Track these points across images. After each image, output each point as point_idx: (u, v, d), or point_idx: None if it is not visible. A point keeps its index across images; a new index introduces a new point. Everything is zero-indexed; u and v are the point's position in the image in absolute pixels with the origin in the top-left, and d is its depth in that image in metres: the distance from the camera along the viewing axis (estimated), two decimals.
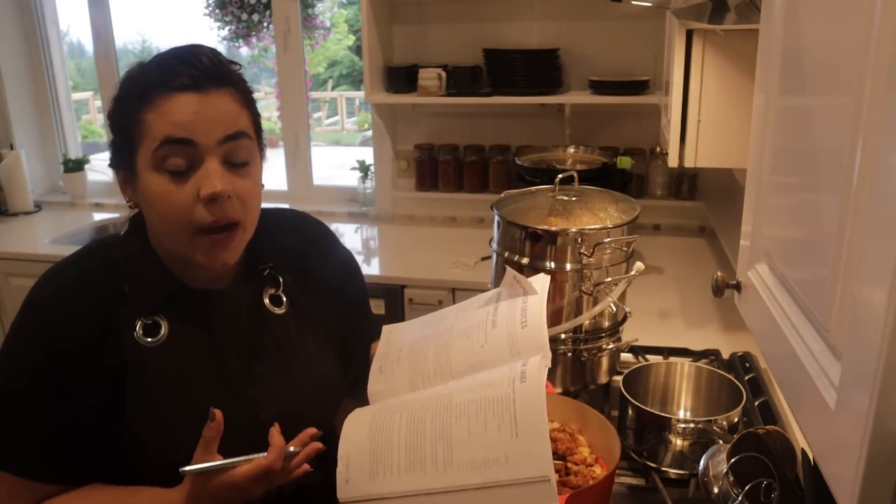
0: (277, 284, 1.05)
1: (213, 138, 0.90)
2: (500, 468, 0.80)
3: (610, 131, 2.72)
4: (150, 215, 0.94)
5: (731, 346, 1.63)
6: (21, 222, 3.11)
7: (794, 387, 0.62)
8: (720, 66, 1.48)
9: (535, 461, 0.79)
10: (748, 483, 0.88)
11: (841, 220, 0.52)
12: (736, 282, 0.87)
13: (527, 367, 0.88)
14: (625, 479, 1.22)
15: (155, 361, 0.93)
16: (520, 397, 0.84)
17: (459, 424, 0.85)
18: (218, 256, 0.93)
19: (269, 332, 1.02)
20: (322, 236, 1.17)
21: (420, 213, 2.96)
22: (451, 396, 0.89)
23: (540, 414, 0.81)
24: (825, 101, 0.59)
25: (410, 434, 0.87)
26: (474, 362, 0.96)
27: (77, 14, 3.40)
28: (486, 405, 0.85)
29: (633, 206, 1.39)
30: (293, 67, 3.06)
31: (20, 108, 3.26)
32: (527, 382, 0.85)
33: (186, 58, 0.90)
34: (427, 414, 0.88)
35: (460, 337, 1.02)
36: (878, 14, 0.46)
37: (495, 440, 0.81)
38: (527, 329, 0.96)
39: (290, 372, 1.03)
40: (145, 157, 0.90)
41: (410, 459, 0.85)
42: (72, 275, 0.97)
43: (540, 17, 2.67)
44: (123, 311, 0.94)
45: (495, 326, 1.00)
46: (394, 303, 2.38)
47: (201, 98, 0.89)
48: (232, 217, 0.92)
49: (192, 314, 0.97)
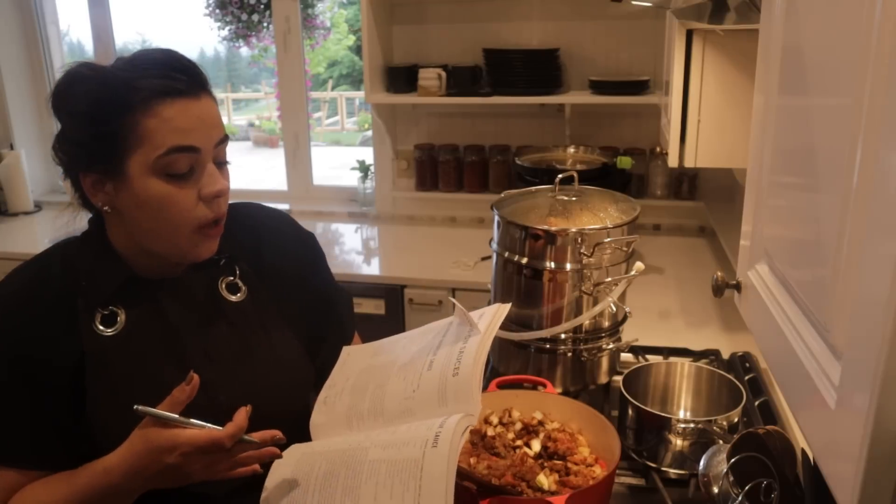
0: (233, 272, 1.07)
1: (210, 143, 0.95)
2: None
3: (610, 131, 2.72)
4: (143, 218, 0.95)
5: (731, 346, 1.63)
6: (21, 222, 3.12)
7: (794, 387, 0.62)
8: (720, 66, 1.48)
9: None
10: (748, 483, 0.88)
11: (841, 220, 0.52)
12: (736, 282, 0.87)
13: (442, 428, 0.86)
14: (625, 479, 1.22)
15: (113, 351, 0.97)
16: (427, 464, 0.82)
17: (368, 486, 0.84)
18: (207, 248, 0.99)
19: (226, 319, 1.05)
20: (277, 221, 1.19)
21: (420, 213, 2.96)
22: (367, 452, 0.89)
23: (444, 483, 0.80)
24: (825, 101, 0.59)
25: (324, 488, 0.88)
26: (404, 408, 0.95)
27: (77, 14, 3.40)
28: (395, 468, 0.84)
29: (633, 206, 1.39)
30: (293, 67, 3.06)
31: (20, 108, 3.26)
32: (437, 447, 0.83)
33: (170, 63, 0.93)
34: (342, 469, 0.88)
35: (398, 377, 1.00)
36: (878, 14, 0.46)
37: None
38: (457, 378, 0.93)
39: (251, 356, 1.05)
40: (143, 163, 0.91)
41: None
42: (30, 273, 1.01)
43: (540, 17, 2.67)
44: (81, 304, 0.97)
45: (430, 369, 0.97)
46: (394, 303, 2.38)
47: (196, 103, 0.93)
48: (224, 213, 0.99)
49: (148, 302, 1.01)
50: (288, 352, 1.09)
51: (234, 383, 1.02)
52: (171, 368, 0.99)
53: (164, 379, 0.96)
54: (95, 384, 0.96)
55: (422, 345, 1.04)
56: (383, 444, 0.89)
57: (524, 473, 1.01)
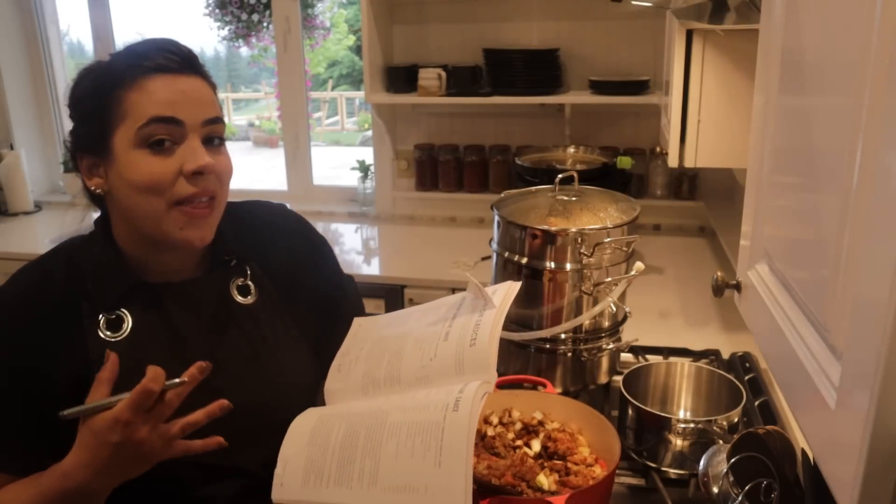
0: (245, 274, 1.06)
1: (196, 119, 0.93)
2: (419, 497, 0.80)
3: (610, 131, 2.72)
4: (127, 195, 0.94)
5: (731, 346, 1.63)
6: (21, 222, 3.12)
7: (794, 387, 0.62)
8: (720, 66, 1.48)
9: (453, 496, 0.78)
10: (748, 483, 0.88)
11: (841, 220, 0.52)
12: (736, 282, 0.87)
13: (462, 394, 0.87)
14: (625, 479, 1.22)
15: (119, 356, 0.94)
16: (448, 426, 0.83)
17: (389, 444, 0.85)
18: (196, 231, 0.95)
19: (235, 322, 1.03)
20: (285, 219, 1.18)
21: (420, 213, 2.96)
22: (387, 415, 0.89)
23: (465, 447, 0.81)
24: (825, 101, 0.59)
25: (344, 447, 0.88)
26: (421, 375, 0.96)
27: (77, 14, 3.40)
28: (416, 429, 0.85)
29: (633, 206, 1.39)
30: (293, 67, 3.06)
31: (20, 108, 3.26)
32: (458, 412, 0.84)
33: (164, 45, 0.94)
34: (362, 430, 0.89)
35: (414, 346, 1.01)
36: (878, 14, 0.46)
37: (419, 467, 0.82)
38: (474, 348, 0.94)
39: (258, 361, 1.03)
40: (126, 136, 0.91)
41: (339, 473, 0.86)
42: (34, 275, 1.00)
43: (540, 17, 2.67)
44: (85, 307, 0.96)
45: (447, 340, 0.98)
46: (394, 303, 2.38)
47: (182, 79, 0.93)
48: (212, 190, 0.95)
49: (154, 307, 0.99)
50: (296, 354, 1.08)
51: (244, 388, 1.00)
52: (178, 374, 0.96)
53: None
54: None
55: (436, 317, 1.05)
56: (403, 408, 0.90)
57: (524, 473, 1.01)
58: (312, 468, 0.88)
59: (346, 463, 0.86)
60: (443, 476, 0.80)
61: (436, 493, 0.79)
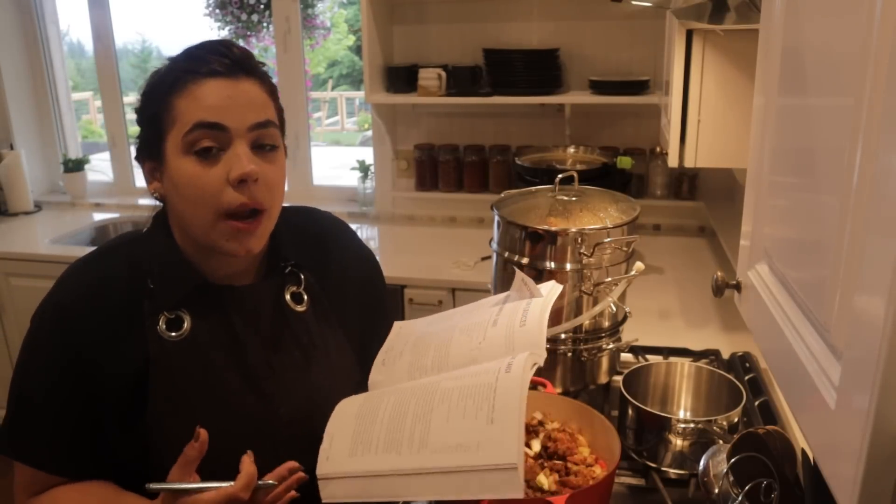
0: (299, 282, 1.05)
1: (243, 124, 0.91)
2: (471, 454, 0.80)
3: (610, 131, 2.72)
4: (177, 202, 0.94)
5: (731, 346, 1.63)
6: (21, 222, 3.11)
7: (794, 387, 0.62)
8: (720, 66, 1.48)
9: (506, 449, 0.79)
10: (748, 483, 0.88)
11: (841, 221, 0.52)
12: (736, 282, 0.87)
13: (514, 360, 0.89)
14: (625, 479, 1.22)
15: (178, 356, 0.94)
16: (501, 386, 0.84)
17: (440, 409, 0.86)
18: (244, 242, 0.94)
19: (290, 329, 1.03)
20: (342, 233, 1.18)
21: (420, 213, 2.96)
22: (438, 384, 0.91)
23: (517, 403, 0.82)
24: (825, 101, 0.59)
25: (394, 416, 0.88)
26: (470, 358, 0.97)
27: (77, 14, 3.41)
28: (468, 392, 0.86)
29: (633, 206, 1.39)
30: (293, 67, 3.06)
31: (20, 108, 3.26)
32: (510, 373, 0.86)
33: (217, 48, 0.93)
34: (412, 399, 0.90)
35: (461, 334, 1.03)
36: (878, 14, 0.46)
37: (471, 426, 0.82)
38: (524, 328, 0.97)
39: (309, 369, 1.03)
40: (175, 143, 0.91)
41: (389, 440, 0.86)
42: (94, 272, 0.98)
43: (540, 17, 2.67)
44: (147, 306, 0.95)
45: (495, 325, 1.01)
46: (394, 303, 2.38)
47: (232, 84, 0.91)
48: (259, 201, 0.92)
49: (214, 309, 0.98)
50: (342, 364, 1.08)
51: (295, 396, 1.00)
52: (235, 377, 0.97)
53: (227, 388, 0.96)
54: (158, 389, 0.93)
55: (480, 311, 1.08)
56: (454, 377, 0.91)
57: (524, 473, 1.01)
58: (360, 439, 0.88)
59: (395, 431, 0.86)
60: (495, 432, 0.80)
61: (488, 449, 0.80)
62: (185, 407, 0.94)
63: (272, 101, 0.97)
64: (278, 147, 0.96)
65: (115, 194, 3.36)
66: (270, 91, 0.97)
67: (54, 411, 0.94)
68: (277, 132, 0.96)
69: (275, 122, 0.96)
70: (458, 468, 0.80)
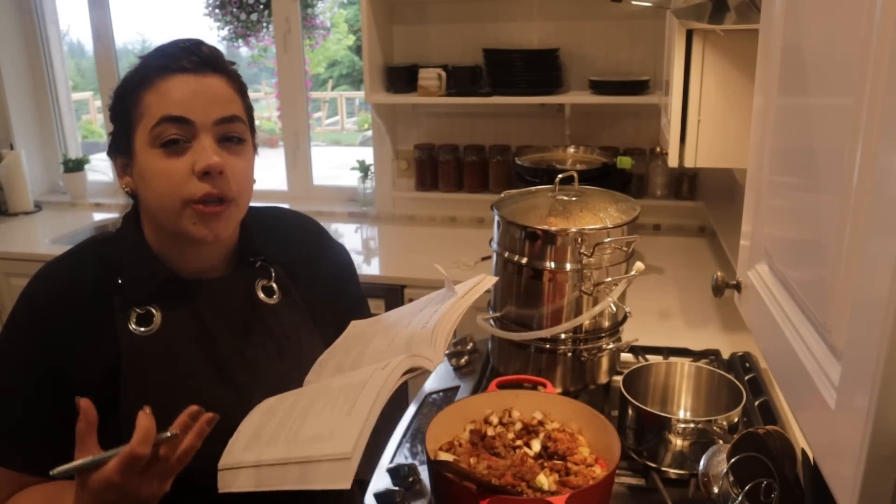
0: (269, 275, 1.07)
1: (208, 118, 0.93)
2: (324, 443, 0.82)
3: (610, 131, 2.72)
4: (146, 194, 0.96)
5: (731, 346, 1.63)
6: (21, 222, 3.11)
7: (794, 387, 0.62)
8: (720, 66, 1.48)
9: (347, 438, 0.79)
10: (748, 483, 0.88)
11: (841, 220, 0.52)
12: (736, 282, 0.87)
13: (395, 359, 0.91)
14: (625, 479, 1.22)
15: (149, 350, 0.96)
16: (371, 382, 0.86)
17: (319, 404, 0.89)
18: (211, 227, 0.95)
19: (261, 321, 1.04)
20: (319, 234, 1.20)
21: (420, 213, 2.96)
22: (331, 382, 0.94)
23: (376, 396, 0.83)
24: (825, 101, 0.59)
25: (287, 412, 0.91)
26: (378, 358, 0.98)
27: (77, 14, 3.41)
28: (345, 388, 0.89)
29: (633, 206, 1.39)
30: (293, 67, 3.06)
31: (20, 108, 3.26)
32: (384, 370, 0.88)
33: (186, 46, 0.95)
34: (306, 396, 0.93)
35: (380, 335, 1.04)
36: (878, 14, 0.46)
37: (331, 418, 0.84)
38: (425, 330, 0.98)
39: (282, 360, 1.04)
40: (143, 136, 0.93)
41: (274, 434, 0.88)
42: (64, 270, 1.00)
43: (540, 17, 2.67)
44: (117, 302, 0.96)
45: (407, 327, 1.03)
46: (394, 303, 2.38)
47: (198, 79, 0.94)
48: (224, 193, 0.94)
49: (184, 303, 1.00)
50: (317, 355, 1.08)
51: (268, 387, 1.01)
52: (207, 369, 0.98)
53: (199, 380, 0.97)
54: (130, 384, 0.94)
55: (407, 312, 1.10)
56: (347, 376, 0.94)
57: (524, 473, 1.01)
58: (255, 434, 0.90)
59: (281, 426, 0.89)
60: (348, 422, 0.82)
61: (336, 437, 0.81)
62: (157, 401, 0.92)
63: (240, 97, 0.99)
64: (245, 141, 0.98)
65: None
66: (238, 88, 0.99)
67: (23, 410, 0.94)
68: (245, 127, 0.98)
69: (241, 118, 0.98)
70: (306, 458, 0.81)
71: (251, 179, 1.01)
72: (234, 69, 0.99)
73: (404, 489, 1.16)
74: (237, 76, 1.00)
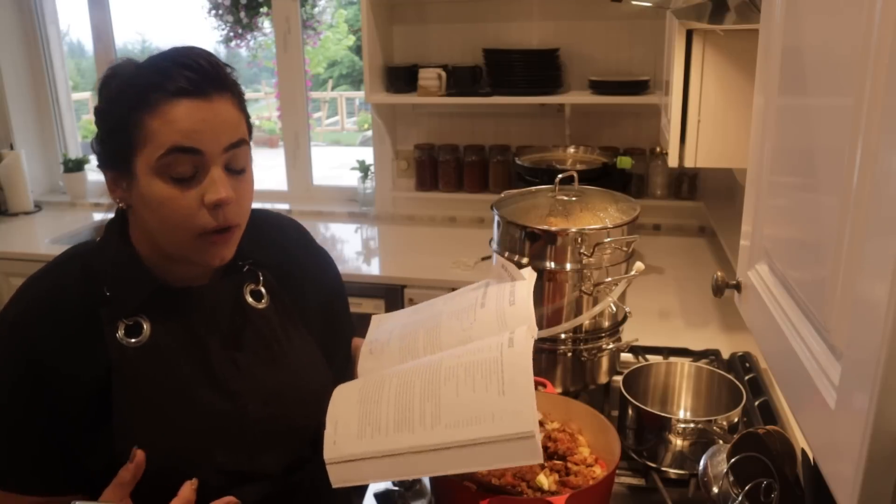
0: (257, 279, 1.06)
1: (218, 147, 0.90)
2: (487, 425, 0.82)
3: (610, 131, 2.72)
4: (149, 218, 0.93)
5: (731, 346, 1.63)
6: (21, 222, 3.11)
7: (794, 387, 0.62)
8: (720, 66, 1.48)
9: (521, 418, 0.81)
10: (748, 483, 0.88)
11: (841, 220, 0.52)
12: (736, 282, 0.87)
13: (514, 335, 0.91)
14: (625, 479, 1.22)
15: (139, 362, 0.93)
16: (507, 359, 0.87)
17: (448, 386, 0.87)
18: (217, 254, 0.95)
19: (251, 326, 1.03)
20: (303, 237, 1.19)
21: (420, 213, 2.96)
22: (441, 363, 0.92)
23: (527, 374, 0.84)
24: (825, 101, 0.59)
25: (399, 397, 0.89)
26: (463, 338, 0.98)
27: (77, 14, 3.41)
28: (474, 368, 0.88)
29: (633, 206, 1.39)
30: (293, 67, 3.06)
31: (20, 108, 3.26)
32: (514, 347, 0.88)
33: (183, 60, 0.90)
34: (416, 379, 0.91)
35: (450, 318, 1.04)
36: (878, 14, 0.46)
37: (482, 399, 0.84)
38: (514, 306, 1.00)
39: (276, 365, 1.03)
40: (147, 163, 0.89)
41: (399, 419, 0.86)
42: (47, 285, 0.97)
43: (540, 17, 2.67)
44: (104, 314, 0.94)
45: (484, 307, 1.03)
46: (394, 303, 2.38)
47: (205, 105, 0.89)
48: (233, 221, 0.94)
49: (173, 312, 0.98)
50: (309, 358, 1.08)
51: (262, 392, 1.00)
52: (199, 378, 0.97)
53: (192, 389, 0.96)
54: (122, 397, 0.92)
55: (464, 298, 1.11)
56: (454, 355, 0.93)
57: (524, 473, 1.01)
58: (367, 420, 0.88)
59: (403, 410, 0.87)
60: (509, 403, 0.82)
61: (503, 420, 0.81)
62: (151, 412, 0.93)
63: (243, 114, 0.96)
64: (247, 167, 0.97)
65: None
66: (240, 103, 0.96)
67: (11, 428, 0.92)
68: (248, 148, 0.97)
69: (246, 140, 0.96)
70: (476, 440, 0.82)
71: (252, 196, 0.99)
72: (233, 79, 0.96)
73: (404, 489, 1.16)
74: (237, 87, 0.96)
